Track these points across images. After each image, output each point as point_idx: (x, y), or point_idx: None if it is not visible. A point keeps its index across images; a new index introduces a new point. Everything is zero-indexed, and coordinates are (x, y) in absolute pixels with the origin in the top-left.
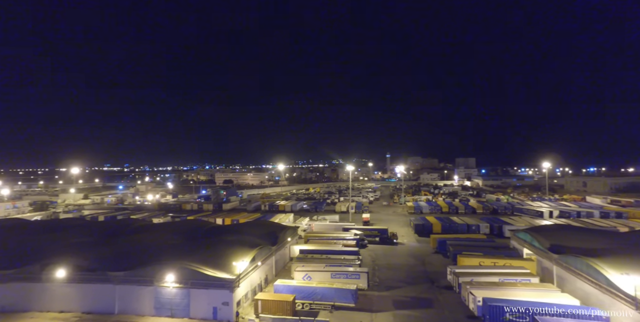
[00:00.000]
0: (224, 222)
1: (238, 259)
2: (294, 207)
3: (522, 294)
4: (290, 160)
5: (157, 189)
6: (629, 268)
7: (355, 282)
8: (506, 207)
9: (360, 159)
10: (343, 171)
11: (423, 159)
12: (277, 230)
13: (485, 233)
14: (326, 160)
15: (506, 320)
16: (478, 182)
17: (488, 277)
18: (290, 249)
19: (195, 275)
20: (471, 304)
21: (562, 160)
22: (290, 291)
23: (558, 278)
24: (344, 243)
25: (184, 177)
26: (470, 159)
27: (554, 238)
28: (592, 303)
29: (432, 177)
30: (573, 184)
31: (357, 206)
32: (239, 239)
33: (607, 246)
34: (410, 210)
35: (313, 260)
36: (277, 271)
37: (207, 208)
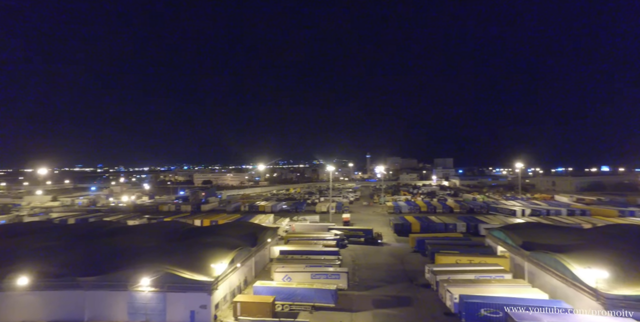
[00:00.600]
0: (202, 223)
1: (217, 261)
2: (274, 207)
3: (496, 290)
4: (270, 160)
5: (133, 190)
6: (592, 262)
7: (336, 282)
8: (482, 206)
9: (340, 160)
10: (324, 171)
11: (402, 160)
12: (257, 231)
13: (462, 232)
14: (307, 160)
15: (481, 316)
16: (455, 182)
17: (464, 275)
18: (270, 250)
19: (172, 278)
20: (448, 302)
21: (533, 160)
22: (270, 292)
23: (529, 274)
24: (324, 243)
25: (161, 178)
26: (448, 160)
27: (525, 236)
28: (559, 296)
29: (411, 177)
30: (543, 183)
31: (337, 206)
32: (217, 240)
33: (572, 242)
34: (389, 210)
35: (293, 261)
36: (257, 272)
37: (185, 209)
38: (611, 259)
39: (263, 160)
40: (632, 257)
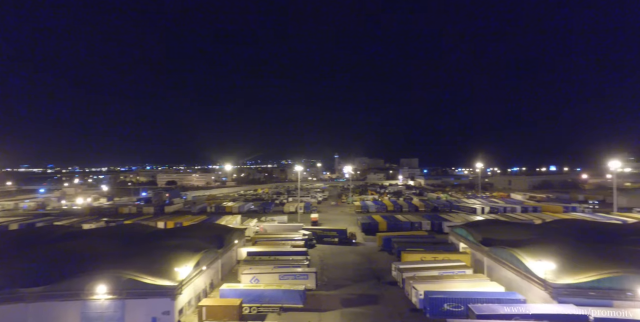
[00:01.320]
0: (166, 225)
1: (181, 265)
2: (242, 208)
3: (459, 285)
4: (238, 160)
5: (89, 191)
6: (541, 255)
7: (304, 282)
8: (445, 205)
9: (309, 160)
10: (292, 171)
11: (370, 160)
12: (224, 232)
13: (427, 230)
14: (275, 160)
15: (444, 310)
16: (420, 181)
17: (429, 272)
18: (237, 252)
19: (131, 284)
20: (414, 298)
21: (492, 161)
22: (237, 295)
23: (488, 268)
24: (293, 244)
25: (121, 178)
26: (414, 160)
27: (485, 232)
28: (514, 288)
29: (378, 177)
30: (501, 182)
31: (305, 206)
32: (182, 243)
33: (525, 237)
34: (357, 209)
35: (261, 262)
36: (224, 275)
37: (148, 211)
38: (558, 252)
39: (230, 160)
40: (575, 249)
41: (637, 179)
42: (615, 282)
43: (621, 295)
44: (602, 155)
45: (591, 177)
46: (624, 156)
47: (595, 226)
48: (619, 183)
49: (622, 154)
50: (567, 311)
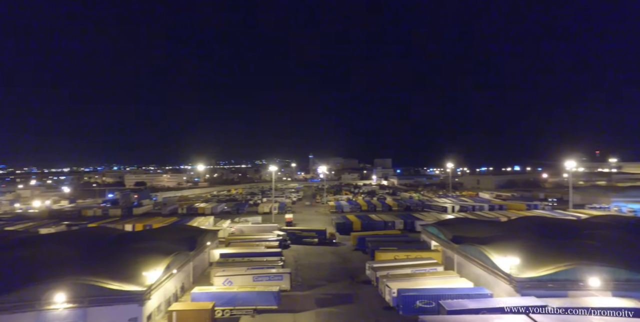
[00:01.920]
0: (134, 228)
1: (150, 268)
2: (215, 209)
3: (430, 282)
4: (211, 160)
5: (48, 193)
6: (507, 251)
7: (278, 283)
8: (417, 204)
9: (283, 160)
10: (266, 172)
11: (344, 160)
12: (196, 234)
13: (400, 229)
14: (249, 160)
15: (417, 307)
16: (394, 181)
17: (402, 270)
18: (210, 254)
19: (94, 291)
20: (387, 296)
21: (461, 161)
22: (209, 298)
23: (458, 265)
24: (267, 244)
25: (85, 179)
26: (387, 160)
27: (455, 230)
28: (481, 283)
29: (353, 177)
30: (470, 181)
31: (280, 206)
32: (151, 246)
33: (493, 234)
34: (332, 209)
35: (234, 264)
36: (196, 278)
37: (115, 214)
38: (521, 247)
39: (203, 160)
40: (536, 245)
41: (589, 178)
42: (570, 274)
43: (575, 285)
44: (559, 156)
45: (550, 176)
46: (578, 157)
47: (553, 222)
48: (574, 182)
49: (576, 155)
50: (529, 303)
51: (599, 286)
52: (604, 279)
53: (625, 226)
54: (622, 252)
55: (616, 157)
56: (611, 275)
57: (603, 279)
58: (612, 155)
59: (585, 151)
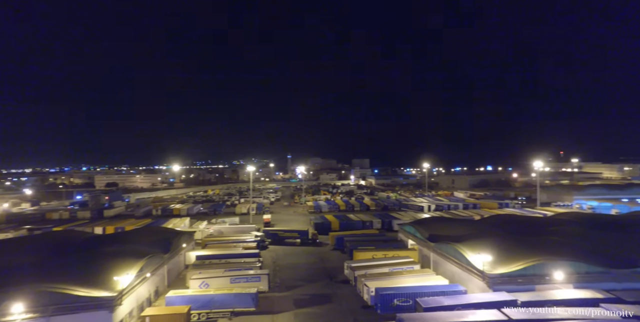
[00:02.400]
0: (104, 231)
1: (121, 273)
2: (191, 210)
3: (408, 281)
4: (187, 160)
5: (6, 196)
6: (481, 249)
7: (256, 285)
8: (395, 204)
9: (261, 160)
10: (244, 172)
11: (322, 160)
12: (171, 236)
13: (378, 228)
14: (226, 161)
15: (394, 306)
16: (372, 181)
17: (380, 269)
18: (185, 256)
19: (59, 298)
20: (365, 295)
21: (437, 161)
22: (185, 301)
23: (434, 263)
24: (244, 246)
25: (50, 180)
26: (365, 160)
27: (431, 229)
28: (456, 280)
29: (331, 177)
30: (445, 181)
31: (258, 207)
32: (123, 249)
33: (467, 232)
34: (310, 209)
35: (211, 266)
36: (170, 281)
37: (84, 216)
38: (493, 245)
39: (178, 160)
40: (507, 242)
41: (554, 177)
42: (537, 269)
43: (541, 280)
44: (528, 157)
45: (520, 176)
46: (545, 157)
47: (523, 220)
48: (540, 181)
49: (543, 155)
50: (500, 297)
51: (563, 279)
52: (567, 272)
53: (585, 222)
54: (582, 247)
55: (577, 157)
56: (573, 268)
57: (566, 272)
58: (574, 156)
59: (550, 152)
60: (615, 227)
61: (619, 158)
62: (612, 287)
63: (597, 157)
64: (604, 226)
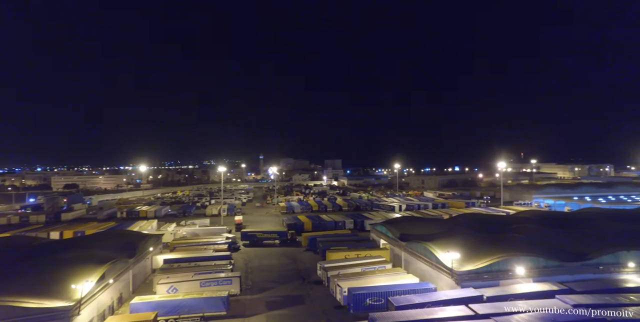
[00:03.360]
0: (62, 236)
1: (80, 280)
2: (158, 212)
3: (380, 280)
4: (155, 161)
5: None
6: (449, 247)
7: (227, 288)
8: (367, 204)
9: (233, 160)
10: (215, 173)
11: (295, 161)
12: (136, 239)
13: (350, 228)
14: (196, 161)
15: (367, 305)
16: (344, 181)
17: (352, 269)
18: (153, 260)
19: (5, 313)
20: (338, 295)
21: (407, 162)
22: (151, 308)
23: (405, 262)
24: (215, 248)
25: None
26: (337, 161)
27: (402, 228)
28: (427, 278)
29: (304, 178)
30: (415, 181)
31: (229, 208)
32: (82, 254)
33: (436, 231)
34: (282, 210)
35: (180, 269)
36: (136, 287)
37: (37, 220)
38: (461, 243)
39: (146, 160)
40: (474, 239)
41: (515, 177)
42: (501, 265)
43: (505, 275)
44: (492, 158)
45: (485, 176)
46: (508, 159)
47: (488, 218)
48: (504, 181)
49: (506, 157)
50: (467, 294)
51: (523, 274)
52: (527, 267)
53: (543, 219)
54: (540, 243)
55: (536, 158)
56: (532, 263)
57: (526, 267)
58: (533, 157)
59: (512, 153)
60: (567, 224)
61: (570, 159)
62: (566, 279)
63: (552, 158)
64: (558, 223)
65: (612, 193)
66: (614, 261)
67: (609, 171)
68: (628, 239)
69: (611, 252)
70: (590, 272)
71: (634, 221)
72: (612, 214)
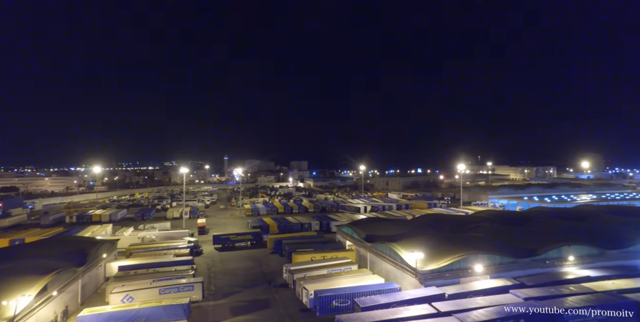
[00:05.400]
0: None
1: (15, 295)
2: (114, 216)
3: (346, 281)
4: (111, 162)
5: None
6: (413, 247)
7: (189, 294)
8: (332, 205)
9: (196, 161)
10: (177, 174)
11: (260, 162)
12: (87, 246)
13: (316, 230)
14: (157, 162)
15: (333, 307)
16: (310, 183)
17: (318, 271)
18: (106, 267)
19: None
20: (304, 298)
21: (372, 163)
22: (102, 320)
23: (370, 263)
24: (176, 252)
25: None
26: (303, 162)
27: (367, 229)
28: (392, 278)
29: (269, 180)
30: (380, 183)
31: (192, 210)
32: (20, 265)
33: (401, 232)
34: (248, 212)
35: (137, 277)
36: (86, 298)
37: None
38: (424, 242)
39: (100, 161)
40: (436, 239)
41: (473, 178)
42: (462, 263)
43: (465, 273)
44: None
45: (446, 177)
46: (466, 161)
47: (449, 219)
48: (463, 182)
49: (465, 159)
50: (431, 292)
51: (481, 271)
52: (485, 264)
53: (498, 218)
54: (496, 241)
55: (491, 161)
56: (489, 261)
57: (484, 264)
58: (488, 160)
59: (470, 156)
60: (519, 222)
61: (520, 162)
62: (518, 274)
63: (505, 161)
64: (511, 222)
65: (555, 193)
66: (558, 255)
67: (552, 173)
68: (569, 235)
69: (556, 248)
70: (538, 267)
71: (573, 219)
72: (555, 213)
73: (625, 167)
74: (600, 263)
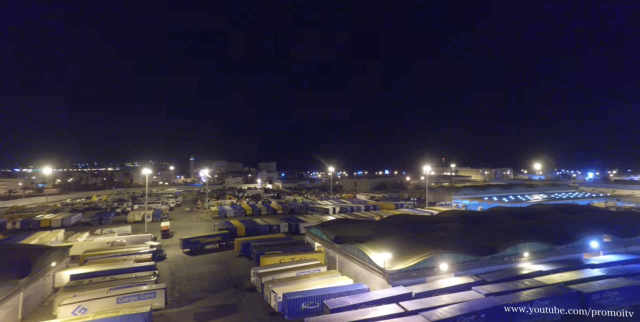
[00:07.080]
0: None
1: None
2: (67, 221)
3: (315, 283)
4: (64, 162)
5: None
6: (381, 247)
7: (150, 302)
8: (301, 207)
9: (160, 162)
10: (139, 175)
11: (228, 163)
12: (32, 254)
13: (285, 232)
14: (117, 162)
15: (302, 310)
16: (278, 184)
17: (287, 273)
18: (55, 277)
19: None
20: (273, 302)
21: (341, 165)
22: None
23: (339, 264)
24: (137, 258)
25: None
26: (272, 164)
27: (336, 231)
28: (360, 279)
29: (237, 181)
30: (348, 184)
31: (155, 213)
32: None
33: (369, 233)
34: (214, 214)
35: (91, 286)
36: (28, 312)
37: None
38: (392, 243)
39: (51, 162)
40: (403, 239)
41: (438, 180)
42: (428, 262)
43: (431, 272)
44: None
45: (412, 179)
46: (431, 163)
47: (415, 219)
48: (428, 184)
49: (430, 161)
50: (398, 292)
51: (446, 270)
52: (449, 263)
53: (461, 218)
54: (459, 240)
55: (454, 163)
56: (453, 259)
57: (449, 263)
58: (452, 162)
59: (435, 158)
60: (480, 222)
61: (481, 164)
62: (480, 271)
63: (467, 162)
64: (473, 221)
65: (511, 193)
66: (514, 252)
67: (509, 174)
68: (524, 233)
69: (513, 245)
70: (497, 264)
71: (528, 217)
72: (512, 212)
73: (570, 168)
74: (550, 258)
